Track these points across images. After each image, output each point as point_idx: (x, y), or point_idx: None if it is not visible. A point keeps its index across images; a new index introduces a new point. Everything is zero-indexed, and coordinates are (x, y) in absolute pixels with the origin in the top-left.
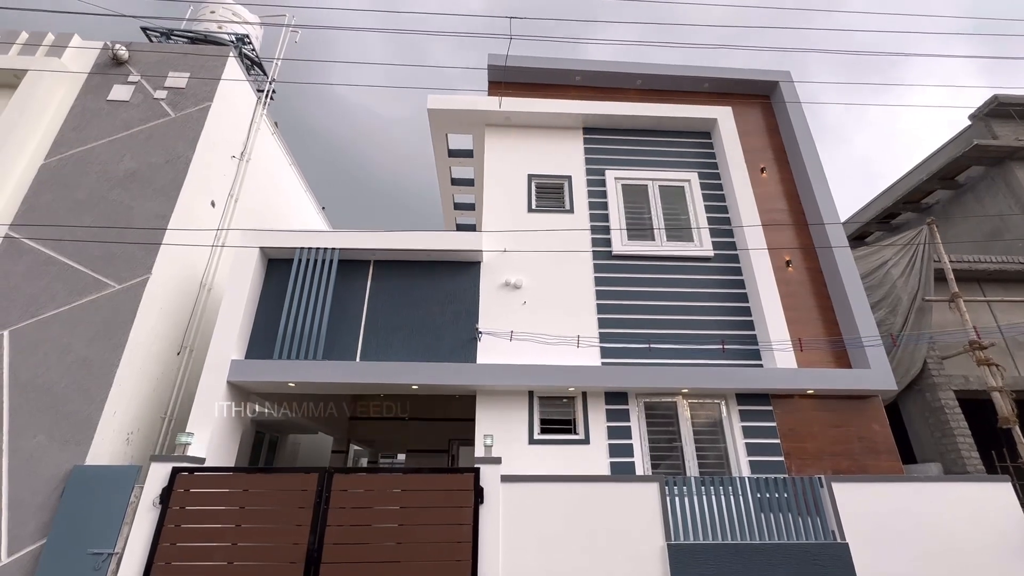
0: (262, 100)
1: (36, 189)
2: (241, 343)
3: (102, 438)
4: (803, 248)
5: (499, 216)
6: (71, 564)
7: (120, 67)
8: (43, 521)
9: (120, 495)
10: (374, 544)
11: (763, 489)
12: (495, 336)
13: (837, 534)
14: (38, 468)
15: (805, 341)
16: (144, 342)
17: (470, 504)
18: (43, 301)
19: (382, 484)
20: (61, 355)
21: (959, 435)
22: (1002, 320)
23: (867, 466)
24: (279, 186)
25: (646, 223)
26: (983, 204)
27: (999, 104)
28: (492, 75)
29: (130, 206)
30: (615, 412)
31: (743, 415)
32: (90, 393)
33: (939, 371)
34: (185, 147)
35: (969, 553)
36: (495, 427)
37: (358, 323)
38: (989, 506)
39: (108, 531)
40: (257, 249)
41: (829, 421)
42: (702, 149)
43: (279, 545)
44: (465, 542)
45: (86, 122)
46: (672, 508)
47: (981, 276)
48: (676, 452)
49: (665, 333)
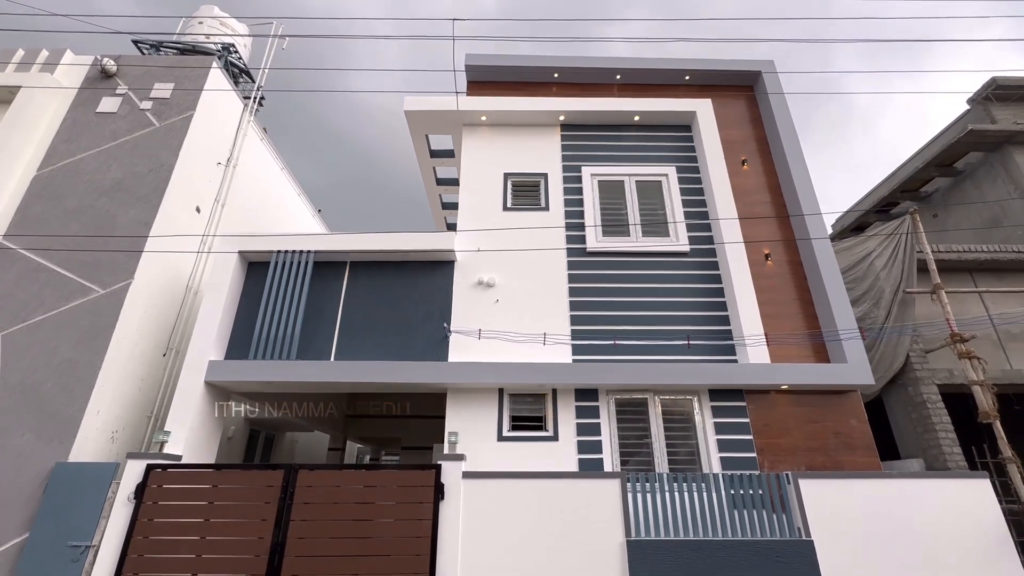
0: (249, 107)
1: (28, 200)
2: (221, 344)
3: (85, 436)
4: (784, 241)
5: (475, 215)
6: (52, 556)
7: (109, 80)
8: (28, 516)
9: (99, 491)
10: (337, 538)
11: (732, 485)
12: (463, 334)
13: (802, 531)
14: (25, 465)
15: (775, 336)
16: (128, 344)
17: (430, 500)
18: (33, 306)
19: (346, 480)
20: (49, 357)
21: (941, 430)
22: (994, 310)
23: (843, 462)
24: (270, 191)
25: (622, 219)
26: (982, 191)
27: (998, 87)
28: (470, 75)
29: (115, 214)
30: (585, 409)
31: (715, 411)
32: (74, 393)
33: (922, 365)
34: (168, 155)
35: (942, 550)
36: (464, 424)
37: (333, 323)
38: (965, 503)
39: (87, 525)
40: (236, 253)
41: (805, 416)
42: (681, 143)
43: (245, 539)
44: (424, 537)
45: (76, 134)
46: (634, 504)
47: (972, 266)
48: (646, 448)
49: (638, 329)
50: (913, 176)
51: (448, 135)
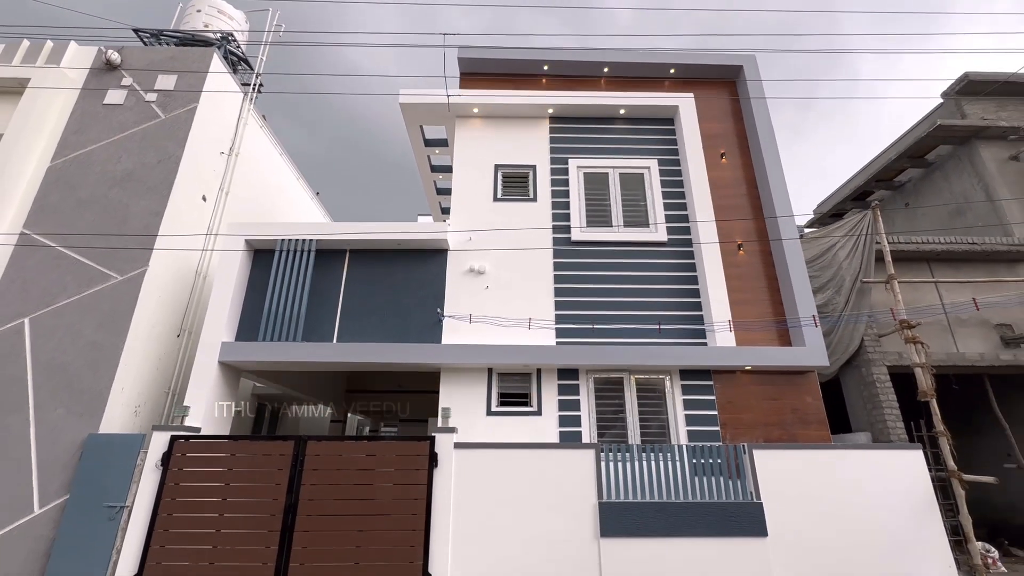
0: (249, 95)
1: (44, 190)
2: (231, 326)
3: (112, 411)
4: (758, 232)
5: (467, 206)
6: (90, 515)
7: (113, 72)
8: (65, 480)
9: (128, 459)
10: (343, 500)
11: (696, 455)
12: (456, 319)
13: (754, 494)
14: (60, 436)
15: (740, 322)
16: (145, 326)
17: (425, 468)
18: (55, 292)
19: (349, 450)
20: (74, 339)
21: (887, 407)
22: (948, 298)
23: (797, 435)
24: (270, 177)
25: (606, 210)
26: (950, 182)
27: (969, 82)
28: (463, 67)
29: (127, 204)
30: (566, 387)
31: (685, 389)
32: (99, 372)
33: (875, 348)
34: (175, 147)
35: (877, 511)
36: (456, 401)
37: (335, 307)
38: (899, 470)
39: (120, 488)
40: (243, 240)
41: (765, 394)
42: (664, 136)
43: (262, 500)
44: (420, 499)
45: (85, 125)
46: (606, 472)
47: (930, 256)
48: (621, 422)
49: (617, 314)
50: (887, 166)
51: (442, 126)
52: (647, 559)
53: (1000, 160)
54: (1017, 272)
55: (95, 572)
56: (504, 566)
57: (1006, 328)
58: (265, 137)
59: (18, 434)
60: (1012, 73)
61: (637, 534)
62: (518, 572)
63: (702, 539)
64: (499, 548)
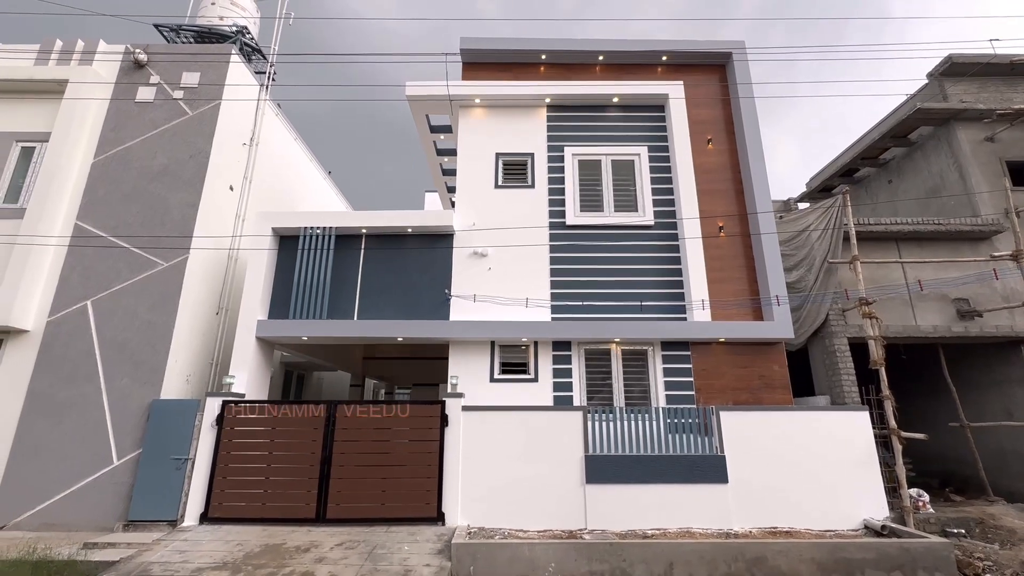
0: (265, 83)
1: (92, 184)
2: (264, 306)
3: (169, 380)
4: (739, 215)
5: (470, 192)
6: (160, 465)
7: (141, 70)
8: (137, 437)
9: (188, 420)
10: (368, 454)
11: (671, 416)
12: (462, 299)
13: (719, 448)
14: (128, 402)
15: (717, 300)
16: (190, 306)
17: (437, 427)
18: (111, 277)
19: (374, 412)
20: (132, 319)
21: (844, 374)
22: (912, 276)
23: (763, 399)
24: (288, 162)
25: (598, 195)
26: (928, 161)
27: (953, 63)
28: (465, 57)
29: (165, 197)
30: (560, 357)
31: (665, 359)
32: (156, 347)
33: (838, 322)
34: (203, 142)
35: (822, 462)
36: (463, 369)
37: (355, 287)
38: (847, 429)
39: (183, 444)
40: (270, 229)
41: (736, 363)
42: (654, 123)
43: (301, 454)
44: (434, 453)
45: (121, 123)
46: (593, 430)
47: (898, 236)
48: (608, 388)
49: (607, 292)
50: (872, 145)
51: (447, 114)
52: (625, 501)
53: (975, 141)
54: (979, 251)
55: (169, 510)
56: (505, 507)
57: (962, 302)
58: (280, 124)
59: (93, 400)
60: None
61: (617, 481)
62: (517, 511)
63: (672, 485)
64: (501, 492)
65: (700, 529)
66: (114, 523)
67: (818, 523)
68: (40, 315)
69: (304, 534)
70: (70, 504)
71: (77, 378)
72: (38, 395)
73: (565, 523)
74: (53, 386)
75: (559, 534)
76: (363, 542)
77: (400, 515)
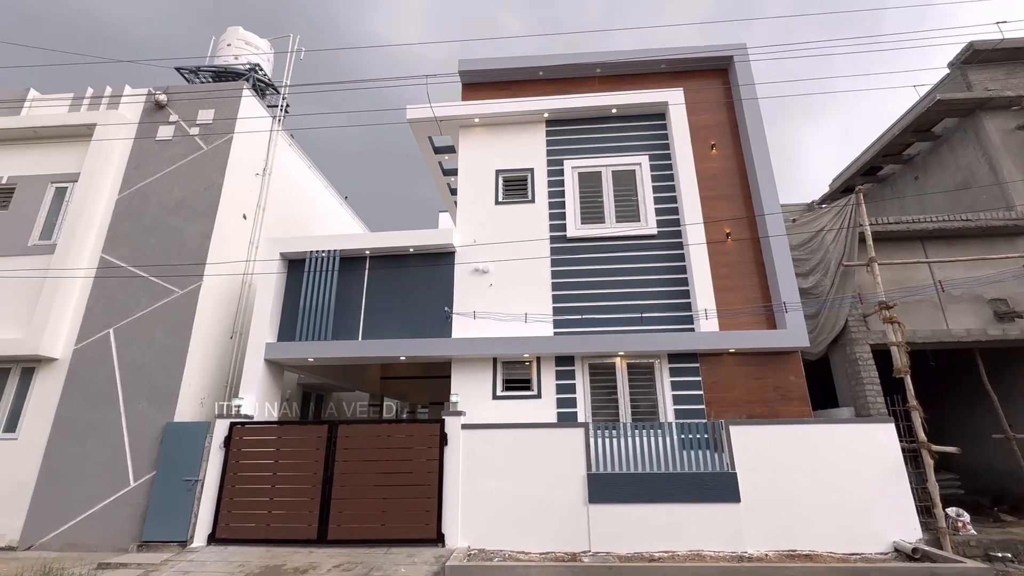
0: (277, 116)
1: (116, 219)
2: (273, 329)
3: (183, 403)
4: (748, 220)
5: (471, 210)
6: (173, 486)
7: (162, 110)
8: (152, 459)
9: (198, 442)
10: (369, 473)
11: (677, 432)
12: (462, 316)
13: (729, 465)
14: (145, 425)
15: (724, 309)
16: (204, 331)
17: (437, 445)
18: (132, 306)
19: (374, 431)
20: (150, 344)
21: (868, 383)
22: (940, 276)
23: (779, 411)
24: (301, 190)
25: (599, 207)
26: (956, 155)
27: (975, 51)
28: (464, 79)
29: (181, 229)
30: (564, 372)
31: (673, 371)
32: (171, 371)
33: (859, 328)
34: (217, 175)
35: (844, 478)
36: (466, 387)
37: (359, 308)
38: (871, 442)
39: (194, 465)
40: (278, 253)
41: (749, 374)
42: (655, 131)
43: (304, 474)
44: (433, 473)
45: (143, 160)
46: (595, 447)
47: (923, 235)
48: (614, 403)
49: (610, 304)
50: (893, 141)
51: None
52: (630, 521)
53: (1006, 131)
54: (1016, 246)
55: (180, 531)
56: (506, 527)
57: (1000, 303)
58: (294, 153)
59: (113, 424)
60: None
61: (621, 500)
62: (518, 532)
63: (680, 504)
64: (502, 512)
65: (711, 552)
66: (129, 544)
67: (842, 546)
68: (68, 343)
69: (305, 555)
70: (90, 525)
71: (99, 403)
72: (64, 420)
73: (568, 544)
74: (78, 411)
75: (561, 556)
76: (361, 564)
77: (400, 536)
